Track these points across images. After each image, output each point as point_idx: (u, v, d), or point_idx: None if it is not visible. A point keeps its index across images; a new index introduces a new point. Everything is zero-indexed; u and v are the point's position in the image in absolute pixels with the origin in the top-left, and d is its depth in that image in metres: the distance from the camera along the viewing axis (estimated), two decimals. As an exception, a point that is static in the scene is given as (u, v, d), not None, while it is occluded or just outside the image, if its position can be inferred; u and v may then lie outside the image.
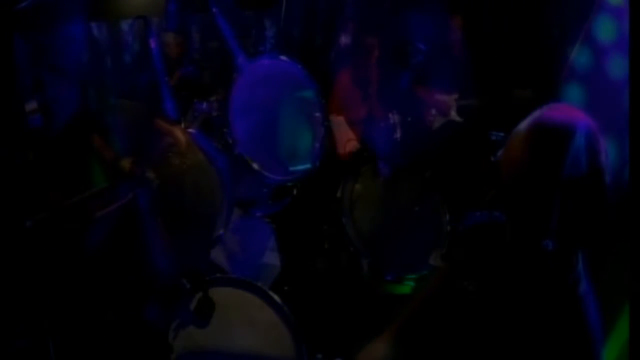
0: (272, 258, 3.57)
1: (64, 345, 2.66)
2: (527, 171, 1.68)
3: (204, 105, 3.52)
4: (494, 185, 1.83)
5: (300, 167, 3.44)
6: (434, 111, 3.88)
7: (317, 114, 3.53)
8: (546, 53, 3.70)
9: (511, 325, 1.76)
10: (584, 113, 1.72)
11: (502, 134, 3.06)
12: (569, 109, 1.73)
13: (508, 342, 1.77)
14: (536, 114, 1.72)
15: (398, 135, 3.77)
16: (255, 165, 3.26)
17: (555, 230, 1.66)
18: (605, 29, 3.18)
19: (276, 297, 2.98)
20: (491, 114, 3.61)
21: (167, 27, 4.29)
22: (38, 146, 2.86)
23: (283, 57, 3.53)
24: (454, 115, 3.83)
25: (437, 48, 3.78)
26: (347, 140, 3.87)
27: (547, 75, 3.52)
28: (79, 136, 3.05)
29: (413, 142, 3.74)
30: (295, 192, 3.68)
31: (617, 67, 3.12)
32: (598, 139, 1.68)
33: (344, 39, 4.06)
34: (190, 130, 3.20)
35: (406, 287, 3.53)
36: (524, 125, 1.72)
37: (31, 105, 2.83)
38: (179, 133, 3.07)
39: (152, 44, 3.16)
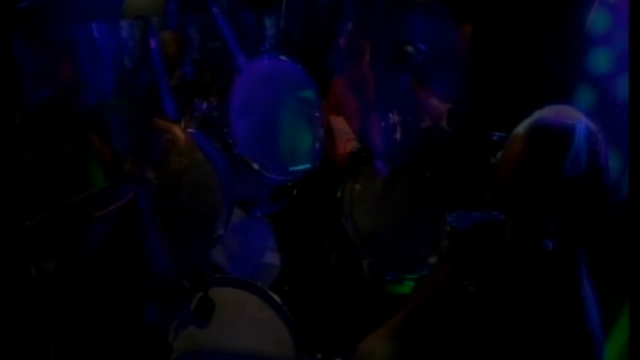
0: (272, 258, 3.57)
1: (64, 345, 2.65)
2: (527, 171, 1.68)
3: (204, 105, 3.52)
4: (492, 186, 1.83)
5: (300, 167, 3.44)
6: (425, 113, 3.87)
7: (317, 114, 3.53)
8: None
9: (511, 325, 1.77)
10: (584, 114, 1.72)
11: (502, 134, 3.05)
12: (569, 110, 1.73)
13: (508, 343, 1.77)
14: (536, 114, 1.73)
15: (398, 135, 3.77)
16: (255, 165, 3.26)
17: (555, 230, 1.67)
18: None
19: (276, 297, 2.98)
20: (477, 139, 3.56)
21: (167, 27, 4.28)
22: (37, 146, 2.86)
23: (283, 57, 3.53)
24: (444, 123, 3.83)
25: (439, 51, 3.77)
26: (347, 140, 3.86)
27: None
28: (79, 136, 3.05)
29: (413, 142, 3.74)
30: (295, 192, 3.68)
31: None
32: (598, 140, 1.68)
33: (344, 40, 4.05)
34: (190, 130, 3.20)
35: (406, 287, 3.52)
36: (523, 125, 1.73)
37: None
38: (178, 131, 3.08)
39: (152, 43, 3.16)
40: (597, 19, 3.30)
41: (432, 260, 3.52)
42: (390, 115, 3.80)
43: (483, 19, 3.93)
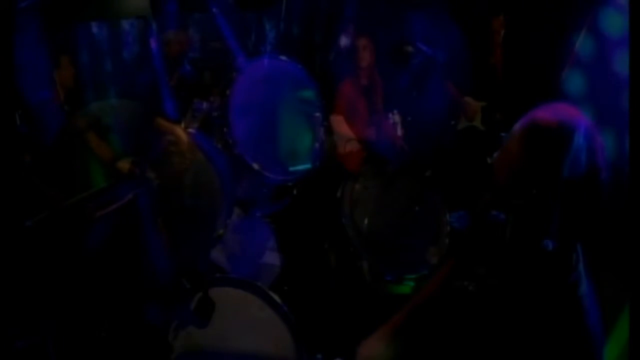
0: (272, 258, 3.57)
1: (64, 345, 2.66)
2: (523, 169, 1.68)
3: (204, 105, 3.52)
4: (489, 187, 1.83)
5: (300, 167, 3.44)
6: (460, 112, 3.88)
7: (317, 114, 3.53)
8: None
9: (511, 325, 1.76)
10: (582, 113, 1.71)
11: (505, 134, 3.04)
12: (568, 108, 1.73)
13: (508, 342, 1.77)
14: (533, 112, 1.72)
15: (398, 135, 3.77)
16: (255, 165, 3.26)
17: (555, 230, 1.66)
18: (612, 23, 3.19)
19: (276, 297, 2.98)
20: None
21: (167, 27, 4.29)
22: (35, 148, 2.86)
23: (283, 57, 3.53)
24: (477, 122, 3.84)
25: (460, 53, 3.77)
26: (347, 140, 3.87)
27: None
28: (75, 139, 3.06)
29: (414, 141, 3.75)
30: (295, 192, 3.68)
31: (621, 61, 3.13)
32: (597, 139, 1.67)
33: (344, 40, 4.06)
34: (190, 130, 3.20)
35: (406, 287, 3.53)
36: (520, 123, 1.72)
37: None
38: (180, 132, 3.08)
39: (152, 44, 3.16)
40: (613, 21, 3.31)
41: (432, 260, 3.53)
42: (391, 115, 3.81)
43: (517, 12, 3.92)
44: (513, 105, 3.62)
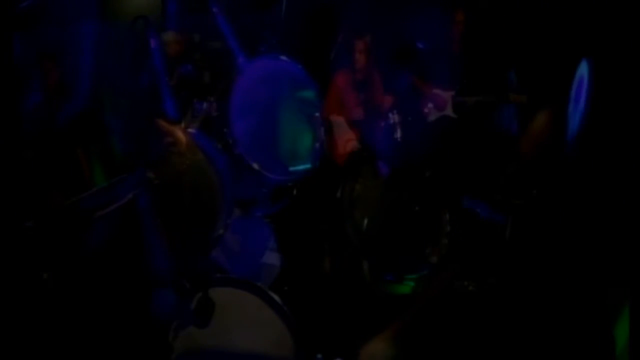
0: (272, 258, 3.57)
1: (65, 345, 2.66)
2: (548, 146, 1.70)
3: (204, 105, 3.52)
4: (513, 159, 1.84)
5: (300, 167, 3.44)
6: (430, 105, 3.89)
7: (317, 114, 3.53)
8: (548, 57, 3.66)
9: (511, 324, 1.77)
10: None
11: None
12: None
13: (508, 342, 1.77)
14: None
15: (398, 135, 3.77)
16: (255, 165, 3.26)
17: (554, 230, 1.67)
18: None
19: (276, 297, 2.98)
20: (486, 114, 3.59)
21: (168, 27, 4.29)
22: (36, 146, 2.87)
23: (283, 57, 3.54)
24: (449, 111, 3.84)
25: (437, 44, 3.78)
26: (347, 140, 3.87)
27: (546, 80, 3.48)
28: (80, 136, 3.06)
29: (413, 141, 3.74)
30: (295, 192, 3.68)
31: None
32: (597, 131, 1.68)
33: (344, 39, 4.06)
34: (190, 130, 3.21)
35: (406, 287, 3.53)
36: (548, 102, 1.74)
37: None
38: (179, 133, 3.08)
39: (152, 43, 3.16)
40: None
41: (432, 260, 3.52)
42: (391, 115, 3.80)
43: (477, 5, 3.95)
44: (481, 89, 3.64)
